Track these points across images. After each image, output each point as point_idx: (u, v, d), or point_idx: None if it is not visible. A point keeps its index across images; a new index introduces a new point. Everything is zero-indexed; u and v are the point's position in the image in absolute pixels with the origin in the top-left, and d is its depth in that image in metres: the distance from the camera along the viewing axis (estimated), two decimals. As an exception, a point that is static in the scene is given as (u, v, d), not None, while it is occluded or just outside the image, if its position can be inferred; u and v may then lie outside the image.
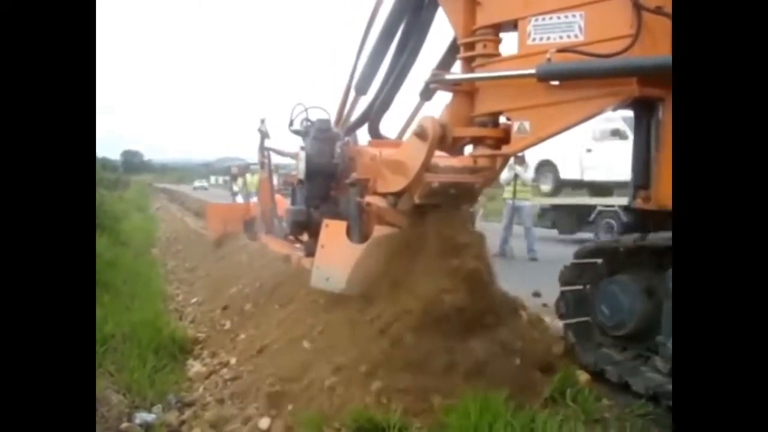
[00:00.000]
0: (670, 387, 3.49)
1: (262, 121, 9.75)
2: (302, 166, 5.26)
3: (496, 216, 15.56)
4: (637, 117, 3.89)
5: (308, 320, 4.82)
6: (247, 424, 3.71)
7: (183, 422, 4.00)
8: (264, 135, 9.74)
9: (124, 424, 3.82)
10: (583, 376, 4.06)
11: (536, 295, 6.93)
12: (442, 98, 4.32)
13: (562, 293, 4.51)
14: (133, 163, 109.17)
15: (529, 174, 12.59)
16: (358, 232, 4.66)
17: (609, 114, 4.28)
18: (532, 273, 9.00)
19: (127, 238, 13.06)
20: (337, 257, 4.55)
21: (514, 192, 12.21)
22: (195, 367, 5.16)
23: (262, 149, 9.81)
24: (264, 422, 3.69)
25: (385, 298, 4.17)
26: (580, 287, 4.45)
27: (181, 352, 5.47)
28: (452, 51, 4.48)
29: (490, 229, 8.85)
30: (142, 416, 3.97)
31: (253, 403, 3.97)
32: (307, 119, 5.70)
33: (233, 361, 5.02)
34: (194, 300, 8.09)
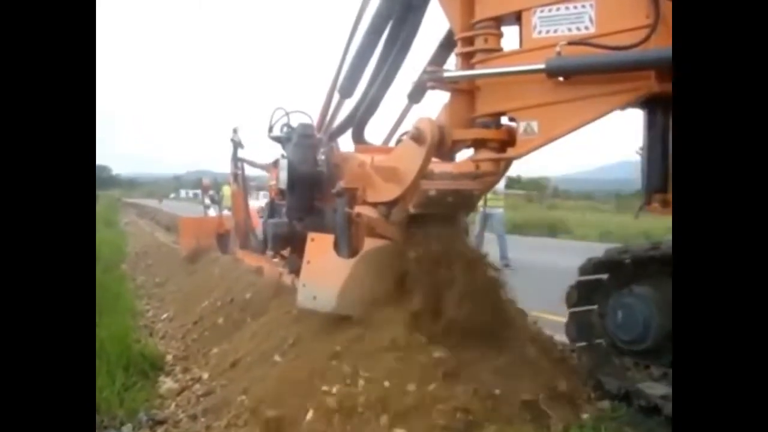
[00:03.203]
0: None
1: (235, 131, 9.43)
2: (284, 175, 4.89)
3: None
4: (650, 115, 3.60)
5: (280, 332, 4.65)
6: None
7: None
8: (237, 145, 9.43)
9: (94, 445, 3.68)
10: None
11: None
12: (432, 101, 4.02)
13: None
14: (100, 177, 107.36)
15: (500, 182, 12.62)
16: (347, 245, 4.30)
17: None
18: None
19: (96, 253, 12.57)
20: (324, 274, 4.18)
21: (485, 200, 12.20)
22: (167, 383, 5.03)
23: (235, 160, 9.50)
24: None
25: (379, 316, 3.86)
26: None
27: (152, 369, 5.31)
28: (445, 46, 4.15)
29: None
30: None
31: (226, 418, 3.79)
32: (288, 125, 5.35)
33: (206, 376, 4.91)
34: (165, 315, 7.90)
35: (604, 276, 4.17)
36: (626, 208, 39.84)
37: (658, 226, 21.64)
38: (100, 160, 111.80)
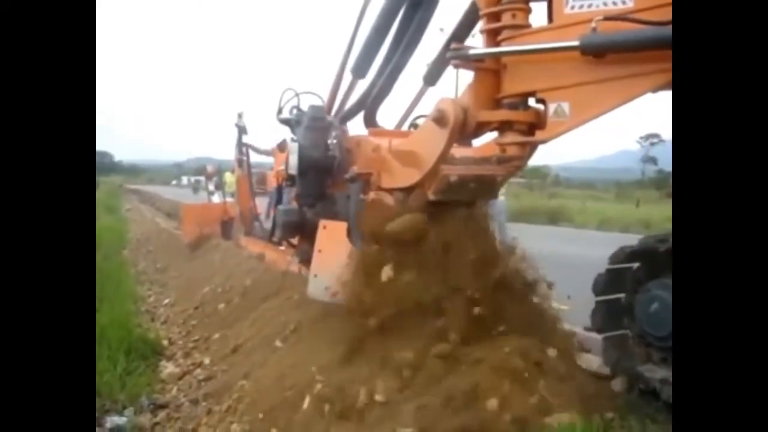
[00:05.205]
0: None
1: (240, 116, 9.26)
2: (294, 159, 4.67)
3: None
4: None
5: (281, 318, 4.68)
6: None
7: (156, 424, 4.01)
8: (242, 130, 9.26)
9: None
10: None
11: None
12: (447, 85, 3.81)
13: None
14: (102, 163, 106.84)
15: None
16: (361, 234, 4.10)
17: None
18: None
19: (97, 240, 12.53)
20: (337, 263, 3.98)
21: None
22: (168, 368, 5.12)
23: (240, 145, 9.32)
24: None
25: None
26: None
27: (153, 354, 5.41)
28: (467, 22, 3.90)
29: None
30: (113, 420, 3.91)
31: (227, 402, 3.84)
32: (297, 107, 5.12)
33: (207, 361, 4.96)
34: (166, 301, 7.99)
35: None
36: (625, 197, 39.91)
37: (657, 215, 21.67)
38: (101, 147, 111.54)
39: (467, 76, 3.61)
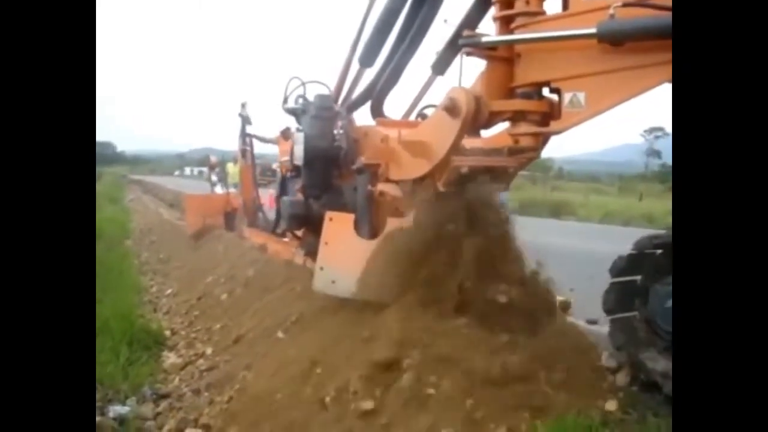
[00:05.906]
0: None
1: (243, 106, 9.17)
2: (300, 149, 4.58)
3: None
4: None
5: (284, 309, 4.70)
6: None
7: (158, 414, 4.04)
8: (245, 120, 9.18)
9: (98, 418, 3.71)
10: None
11: None
12: (455, 74, 3.72)
13: None
14: (104, 154, 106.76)
15: None
16: (368, 225, 4.04)
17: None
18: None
19: (99, 230, 12.58)
20: (344, 256, 3.95)
21: None
22: (170, 358, 5.18)
23: (244, 136, 9.25)
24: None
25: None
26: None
27: (156, 344, 5.52)
28: (479, 8, 3.80)
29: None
30: (116, 409, 3.95)
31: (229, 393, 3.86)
32: (303, 96, 5.03)
33: (209, 351, 5.00)
34: (169, 291, 8.07)
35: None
36: (629, 190, 39.77)
37: (660, 209, 21.64)
38: (104, 138, 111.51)
39: (472, 65, 3.55)
